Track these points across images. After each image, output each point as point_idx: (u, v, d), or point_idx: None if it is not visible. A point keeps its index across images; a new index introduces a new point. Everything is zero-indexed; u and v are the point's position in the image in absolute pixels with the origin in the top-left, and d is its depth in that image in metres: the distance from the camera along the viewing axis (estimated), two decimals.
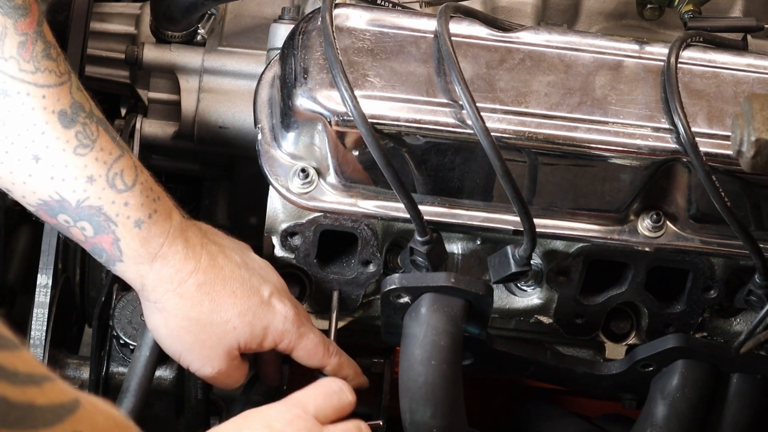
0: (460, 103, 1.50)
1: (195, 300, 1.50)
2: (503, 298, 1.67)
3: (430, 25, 1.56)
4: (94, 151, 1.45)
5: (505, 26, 1.59)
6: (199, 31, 1.82)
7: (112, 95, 1.95)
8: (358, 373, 1.62)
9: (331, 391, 1.50)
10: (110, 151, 1.46)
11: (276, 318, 1.54)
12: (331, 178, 1.57)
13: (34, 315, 1.67)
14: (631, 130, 1.54)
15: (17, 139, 1.43)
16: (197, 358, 1.54)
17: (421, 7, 1.66)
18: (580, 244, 1.61)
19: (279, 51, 1.63)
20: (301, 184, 1.57)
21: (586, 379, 1.67)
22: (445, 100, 1.52)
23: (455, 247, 1.65)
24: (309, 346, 1.56)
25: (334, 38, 1.52)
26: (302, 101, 1.53)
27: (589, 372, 1.66)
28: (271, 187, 1.60)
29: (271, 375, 1.65)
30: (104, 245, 1.48)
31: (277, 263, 1.63)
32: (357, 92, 1.49)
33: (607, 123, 1.54)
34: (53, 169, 1.44)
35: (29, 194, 1.46)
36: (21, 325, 1.72)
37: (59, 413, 0.96)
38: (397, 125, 1.51)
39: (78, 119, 1.45)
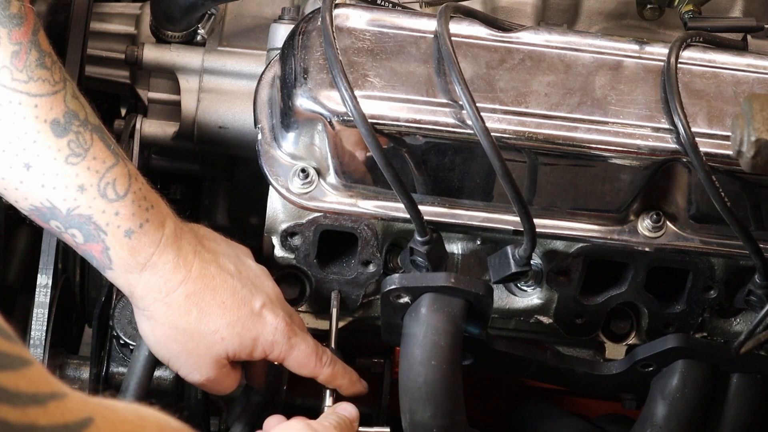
0: (460, 103, 1.50)
1: (183, 310, 1.50)
2: (503, 298, 1.67)
3: (430, 25, 1.56)
4: (86, 160, 1.45)
5: (505, 26, 1.59)
6: (199, 31, 1.82)
7: (112, 95, 1.95)
8: (353, 382, 1.61)
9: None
10: (104, 159, 1.46)
11: (266, 329, 1.53)
12: (331, 178, 1.57)
13: (34, 315, 1.67)
14: (631, 130, 1.54)
15: (8, 146, 1.43)
16: (185, 366, 1.54)
17: (421, 7, 1.66)
18: (580, 244, 1.61)
19: (279, 51, 1.63)
20: (301, 184, 1.57)
21: (586, 379, 1.67)
22: (445, 100, 1.52)
23: (455, 247, 1.65)
24: (300, 356, 1.56)
25: (334, 38, 1.52)
26: (302, 101, 1.53)
27: (589, 372, 1.66)
28: (271, 187, 1.60)
29: (257, 379, 1.65)
30: (94, 253, 1.48)
31: (277, 263, 1.63)
32: (357, 92, 1.49)
33: (607, 123, 1.54)
34: (44, 177, 1.44)
35: (21, 200, 1.46)
36: (21, 325, 1.72)
37: None
38: (397, 125, 1.51)
39: (71, 128, 1.45)
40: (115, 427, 1.00)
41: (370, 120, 1.49)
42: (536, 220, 1.53)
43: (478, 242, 1.64)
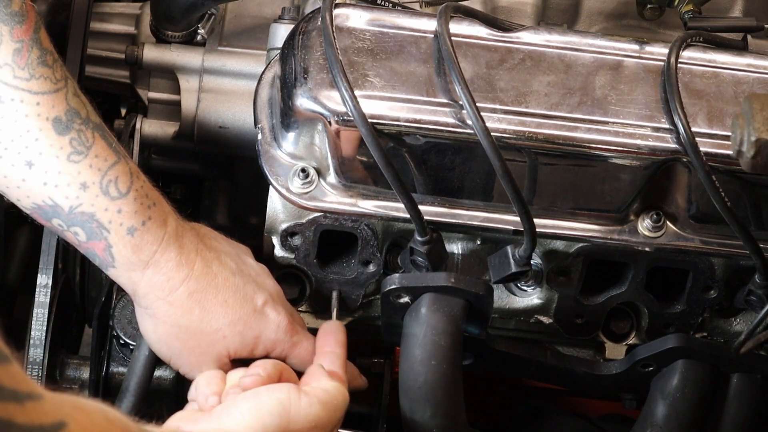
0: (460, 103, 1.50)
1: (185, 308, 1.50)
2: (503, 298, 1.67)
3: (430, 25, 1.56)
4: (88, 158, 1.45)
5: (505, 26, 1.59)
6: (199, 31, 1.82)
7: (112, 95, 1.95)
8: (355, 376, 1.61)
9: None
10: (105, 157, 1.46)
11: (268, 327, 1.54)
12: (331, 178, 1.57)
13: (34, 315, 1.67)
14: (631, 130, 1.54)
15: (11, 144, 1.43)
16: (186, 364, 1.54)
17: (421, 7, 1.66)
18: (580, 244, 1.61)
19: (279, 51, 1.63)
20: (301, 184, 1.57)
21: (586, 379, 1.67)
22: (445, 100, 1.52)
23: (455, 247, 1.65)
24: (302, 354, 1.56)
25: (334, 38, 1.52)
26: (302, 101, 1.53)
27: (589, 372, 1.66)
28: (271, 187, 1.60)
29: None
30: (96, 251, 1.48)
31: (277, 263, 1.63)
32: (357, 92, 1.49)
33: (607, 123, 1.54)
34: (46, 175, 1.44)
35: (23, 198, 1.46)
36: (21, 325, 1.72)
37: None
38: (397, 125, 1.51)
39: (73, 126, 1.45)
40: (85, 431, 1.01)
41: (370, 120, 1.49)
42: (536, 220, 1.53)
43: (478, 242, 1.64)
